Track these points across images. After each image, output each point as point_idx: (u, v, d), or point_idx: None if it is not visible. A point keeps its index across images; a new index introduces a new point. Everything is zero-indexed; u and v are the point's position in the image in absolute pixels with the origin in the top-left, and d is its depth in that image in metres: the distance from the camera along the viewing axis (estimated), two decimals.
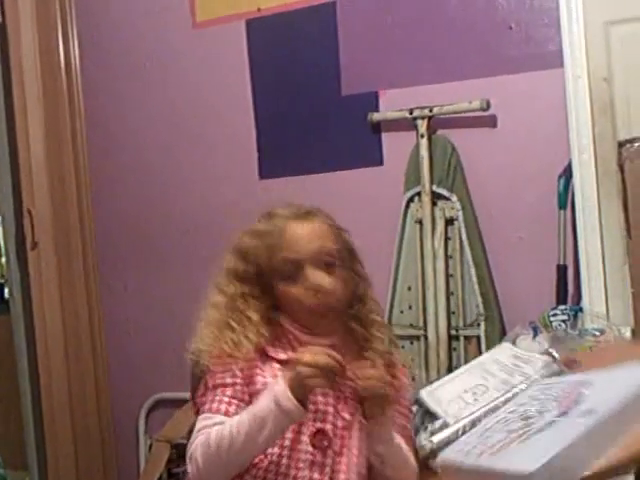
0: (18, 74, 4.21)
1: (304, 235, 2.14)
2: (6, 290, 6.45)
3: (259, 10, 4.08)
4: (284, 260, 2.09)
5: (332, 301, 2.08)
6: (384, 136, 3.84)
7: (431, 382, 2.70)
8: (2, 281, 6.89)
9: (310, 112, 4.02)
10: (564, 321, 3.12)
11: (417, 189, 3.65)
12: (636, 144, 2.91)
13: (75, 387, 4.28)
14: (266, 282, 2.12)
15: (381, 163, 3.85)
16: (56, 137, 4.32)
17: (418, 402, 2.53)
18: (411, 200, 3.69)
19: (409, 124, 3.69)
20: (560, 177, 3.38)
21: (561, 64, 3.37)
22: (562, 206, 3.37)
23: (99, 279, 4.50)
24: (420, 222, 3.64)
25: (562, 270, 3.36)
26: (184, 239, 4.25)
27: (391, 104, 3.79)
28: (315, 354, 1.93)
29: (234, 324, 2.05)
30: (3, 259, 7.44)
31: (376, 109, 3.83)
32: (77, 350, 4.33)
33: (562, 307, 3.20)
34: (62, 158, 4.34)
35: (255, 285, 2.12)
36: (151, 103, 4.40)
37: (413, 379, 2.47)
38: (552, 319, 3.14)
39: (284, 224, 2.15)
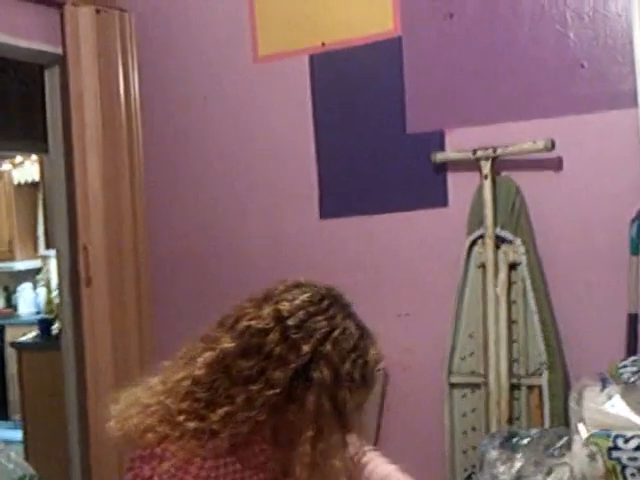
0: (78, 106, 4.23)
1: None
2: (54, 326, 6.52)
3: (323, 45, 4.04)
4: None
5: None
6: (448, 176, 3.77)
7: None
8: (52, 317, 6.95)
9: (373, 150, 3.96)
10: (635, 373, 3.00)
11: (480, 232, 3.57)
12: None
13: None
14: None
15: (445, 204, 3.78)
16: (114, 171, 4.33)
17: None
18: (474, 243, 3.61)
19: (473, 164, 3.61)
20: (633, 221, 3.28)
21: (635, 104, 3.28)
22: (634, 252, 3.26)
23: (153, 316, 4.45)
24: (483, 266, 3.56)
25: (633, 319, 3.25)
26: (241, 276, 4.19)
27: (456, 144, 3.73)
28: None
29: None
30: (53, 295, 7.55)
31: (441, 148, 3.76)
32: None
33: (633, 358, 3.07)
34: (119, 193, 4.34)
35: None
36: (210, 137, 4.37)
37: None
38: (622, 370, 3.01)
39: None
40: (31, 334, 6.82)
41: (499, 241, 3.53)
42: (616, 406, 2.88)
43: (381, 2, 3.91)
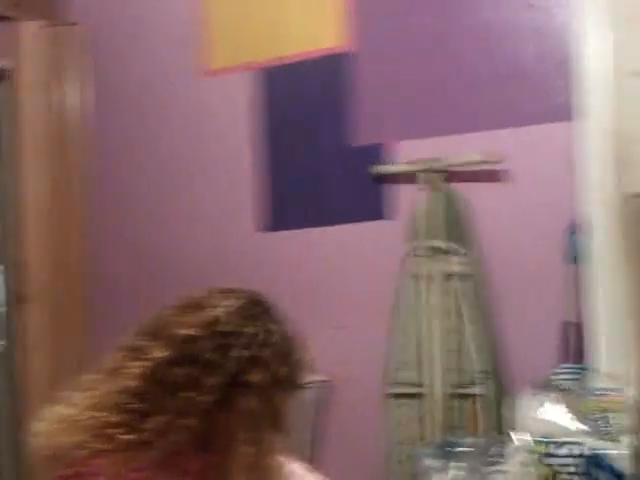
0: (25, 121, 4.25)
1: None
2: None
3: (275, 58, 4.08)
4: None
5: None
6: (388, 189, 3.81)
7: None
8: None
9: (314, 163, 4.00)
10: (568, 380, 3.05)
11: (417, 243, 3.61)
12: None
13: None
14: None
15: (388, 217, 3.81)
16: (60, 188, 4.35)
17: None
18: (411, 254, 3.63)
19: (412, 177, 3.66)
20: (569, 232, 3.34)
21: (573, 117, 3.34)
22: (571, 261, 3.32)
23: (92, 333, 4.43)
24: (421, 277, 3.58)
25: (567, 327, 3.30)
26: (182, 291, 4.18)
27: (401, 156, 3.77)
28: None
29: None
30: None
31: (384, 161, 3.80)
32: None
33: (567, 365, 3.14)
34: (62, 210, 4.35)
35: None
36: (158, 151, 4.39)
37: None
38: (556, 378, 3.07)
39: None
40: None
41: (435, 252, 3.56)
42: (549, 413, 2.93)
43: (329, 17, 3.96)
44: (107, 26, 4.52)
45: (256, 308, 1.88)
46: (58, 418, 1.78)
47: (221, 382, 1.74)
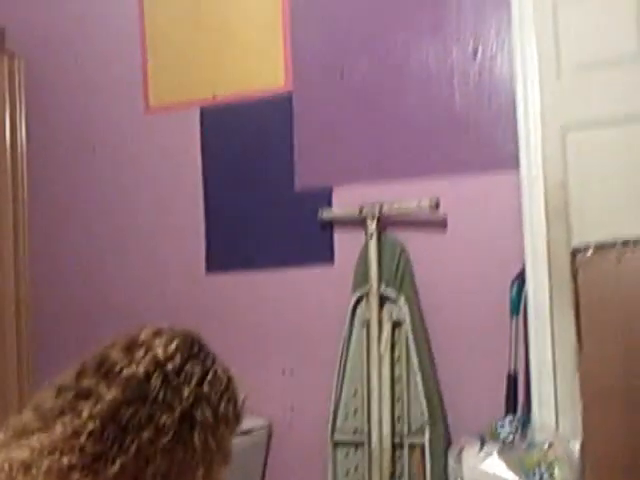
0: None
1: None
2: None
3: (214, 98, 4.12)
4: None
5: None
6: (335, 234, 3.85)
7: None
8: None
9: (262, 206, 4.03)
10: (512, 432, 3.11)
11: (365, 290, 3.65)
12: (589, 252, 2.93)
13: None
14: None
15: (332, 261, 3.86)
16: None
17: None
18: (359, 301, 3.68)
19: (359, 222, 3.71)
20: (513, 283, 3.39)
21: (517, 166, 3.41)
22: (514, 312, 3.38)
23: (33, 369, 4.43)
24: (367, 324, 3.63)
25: (512, 379, 3.35)
26: (126, 329, 4.19)
27: (343, 201, 3.82)
28: None
29: None
30: None
31: (329, 206, 3.85)
32: None
33: (510, 418, 3.18)
34: (1, 240, 4.33)
35: None
36: (98, 187, 4.38)
37: None
38: (500, 429, 3.12)
39: None
40: None
41: (383, 299, 3.61)
42: (494, 465, 3.00)
43: (273, 58, 4.01)
44: (48, 60, 4.51)
45: (194, 347, 1.92)
46: (10, 462, 1.74)
47: (174, 420, 1.76)
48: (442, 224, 3.64)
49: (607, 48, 3.28)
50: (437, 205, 3.57)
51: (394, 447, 3.52)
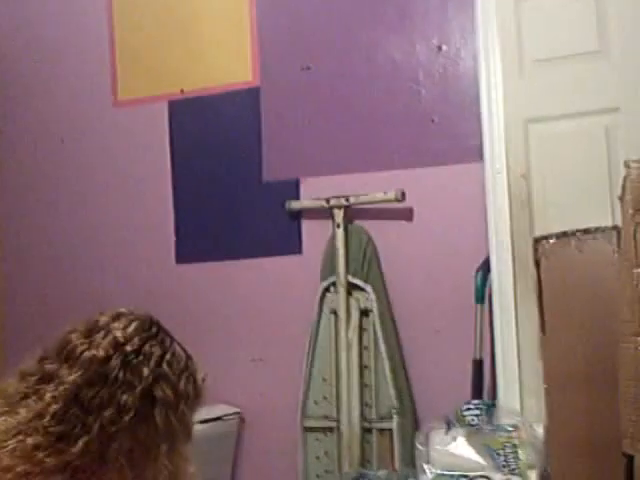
0: None
1: None
2: None
3: (182, 92, 4.20)
4: None
5: None
6: (303, 224, 3.96)
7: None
8: None
9: (230, 197, 4.13)
10: (478, 416, 3.21)
11: (333, 279, 3.76)
12: (551, 241, 3.05)
13: None
14: None
15: (300, 251, 3.96)
16: None
17: None
18: (327, 290, 3.79)
19: (327, 213, 3.82)
20: (477, 271, 3.50)
21: (481, 159, 3.51)
22: (479, 300, 3.49)
23: (3, 363, 4.47)
24: (335, 312, 3.74)
25: (477, 364, 3.46)
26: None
27: (310, 192, 3.93)
28: None
29: None
30: None
31: (296, 197, 3.96)
32: None
33: (476, 402, 3.29)
34: None
35: None
36: (66, 180, 4.46)
37: None
38: (466, 413, 3.22)
39: None
40: None
41: (351, 288, 3.72)
42: (460, 447, 3.09)
43: (240, 52, 4.10)
44: (15, 51, 4.58)
45: (152, 328, 2.00)
46: None
47: (135, 399, 1.84)
48: (408, 214, 3.75)
49: (568, 44, 3.37)
50: (403, 196, 3.68)
51: (363, 432, 3.63)
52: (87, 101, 4.43)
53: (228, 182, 4.14)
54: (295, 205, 3.94)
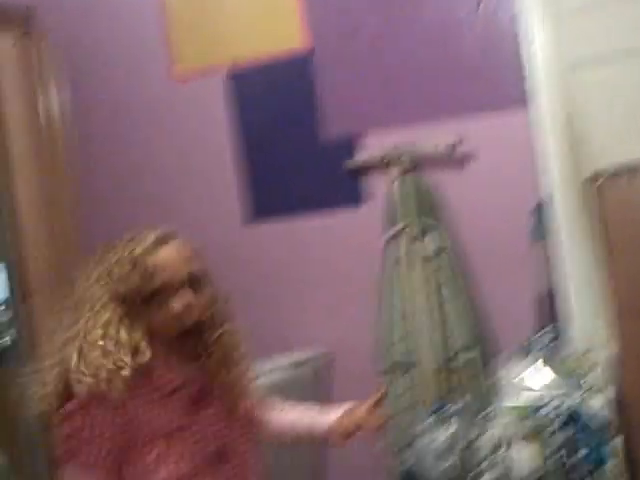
0: (8, 132, 4.56)
1: (174, 258, 2.31)
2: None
3: (236, 61, 4.44)
4: (158, 283, 2.25)
5: (201, 316, 2.34)
6: (363, 178, 4.18)
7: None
8: None
9: (290, 159, 4.37)
10: (549, 344, 3.44)
11: (397, 227, 3.99)
12: (605, 177, 3.29)
13: None
14: (138, 306, 2.26)
15: (361, 204, 4.20)
16: (48, 187, 4.70)
17: None
18: (392, 239, 4.01)
19: (385, 166, 4.05)
20: (535, 209, 3.73)
21: (529, 103, 3.70)
22: (537, 238, 3.71)
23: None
24: (402, 258, 3.96)
25: (544, 296, 3.69)
26: None
27: (368, 147, 4.14)
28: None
29: (103, 352, 2.20)
30: None
31: (355, 153, 4.18)
32: None
33: (544, 330, 3.52)
34: (53, 209, 4.69)
35: (126, 310, 2.25)
36: (135, 149, 4.73)
37: None
38: (537, 342, 3.44)
39: (153, 248, 2.31)
40: None
41: (416, 235, 3.95)
42: (534, 375, 3.30)
43: (290, 19, 4.32)
44: (75, 34, 4.83)
45: None
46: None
47: None
48: (463, 161, 3.96)
49: None
50: (457, 144, 3.91)
51: (441, 368, 3.86)
52: (146, 75, 4.67)
53: (288, 144, 4.37)
54: (355, 161, 4.16)
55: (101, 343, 2.21)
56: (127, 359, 2.20)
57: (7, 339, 4.73)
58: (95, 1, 4.79)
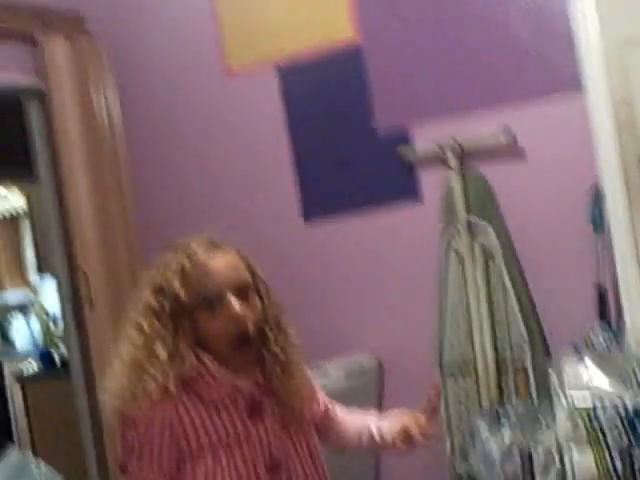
0: (63, 140, 4.56)
1: (221, 268, 2.27)
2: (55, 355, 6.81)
3: (288, 55, 4.41)
4: (205, 294, 2.24)
5: (250, 327, 2.27)
6: (418, 172, 4.12)
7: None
8: (52, 346, 7.22)
9: (346, 153, 4.32)
10: (606, 339, 3.33)
11: (453, 222, 3.91)
12: None
13: None
14: (184, 317, 2.25)
15: (418, 199, 4.13)
16: (103, 195, 4.67)
17: None
18: (449, 233, 3.94)
19: (441, 159, 3.96)
20: (592, 199, 3.61)
21: (582, 87, 3.56)
22: (596, 227, 3.59)
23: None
24: (459, 254, 3.90)
25: (600, 290, 3.59)
26: None
27: (422, 140, 4.07)
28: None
29: (147, 365, 2.21)
30: (51, 324, 7.78)
31: (409, 145, 4.11)
32: None
33: (603, 326, 3.40)
34: (111, 217, 4.68)
35: (171, 321, 2.25)
36: (191, 151, 4.73)
37: None
38: (594, 339, 3.34)
39: (200, 258, 2.28)
40: (31, 366, 7.08)
41: (472, 230, 3.87)
42: (592, 374, 3.19)
43: (339, 11, 4.27)
44: (129, 38, 4.86)
45: None
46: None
47: None
48: (519, 151, 3.87)
49: None
50: (512, 135, 3.81)
51: (498, 369, 3.79)
52: (199, 73, 4.67)
53: (342, 138, 4.32)
54: (410, 154, 4.09)
55: (151, 359, 2.22)
56: (176, 372, 2.21)
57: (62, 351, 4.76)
58: (146, 3, 4.81)
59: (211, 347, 2.28)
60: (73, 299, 4.68)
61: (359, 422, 2.62)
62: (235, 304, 2.25)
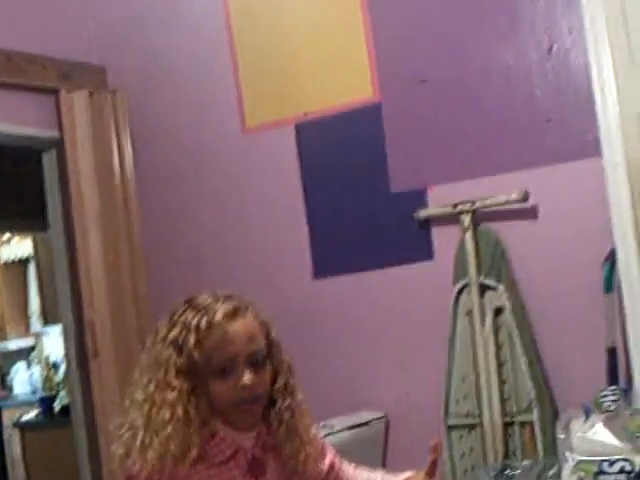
0: (76, 186, 4.63)
1: (239, 333, 2.24)
2: (56, 403, 6.83)
3: (306, 114, 4.49)
4: (220, 358, 2.22)
5: (258, 395, 2.26)
6: (432, 231, 4.19)
7: None
8: (52, 394, 7.26)
9: (361, 211, 4.40)
10: (615, 401, 3.37)
11: (465, 281, 3.98)
12: None
13: None
14: (198, 377, 2.23)
15: (431, 257, 4.20)
16: (113, 247, 4.71)
17: None
18: (460, 292, 4.01)
19: (454, 218, 4.05)
20: (605, 262, 3.67)
21: (599, 153, 3.60)
22: (608, 290, 3.65)
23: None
24: (470, 313, 3.96)
25: (611, 352, 3.63)
26: None
27: (437, 199, 4.16)
28: None
29: (177, 427, 2.18)
30: (52, 372, 7.81)
31: (424, 205, 4.19)
32: None
33: (612, 388, 3.44)
34: (120, 268, 4.72)
35: (191, 383, 2.23)
36: (204, 208, 4.80)
37: None
38: (603, 400, 3.38)
39: (220, 321, 2.25)
40: (30, 414, 7.10)
41: (484, 289, 3.95)
42: (599, 433, 3.21)
43: (359, 70, 4.38)
44: (148, 92, 4.96)
45: None
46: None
47: None
48: (533, 213, 3.95)
49: None
50: (526, 196, 3.89)
51: (505, 426, 3.83)
52: (218, 131, 4.75)
53: (357, 196, 4.40)
54: (424, 213, 4.18)
55: (169, 425, 2.20)
56: (195, 439, 2.20)
57: (64, 399, 4.78)
58: (168, 60, 4.92)
59: (217, 406, 2.27)
60: (78, 347, 4.73)
61: (366, 478, 2.64)
62: (247, 376, 2.24)
